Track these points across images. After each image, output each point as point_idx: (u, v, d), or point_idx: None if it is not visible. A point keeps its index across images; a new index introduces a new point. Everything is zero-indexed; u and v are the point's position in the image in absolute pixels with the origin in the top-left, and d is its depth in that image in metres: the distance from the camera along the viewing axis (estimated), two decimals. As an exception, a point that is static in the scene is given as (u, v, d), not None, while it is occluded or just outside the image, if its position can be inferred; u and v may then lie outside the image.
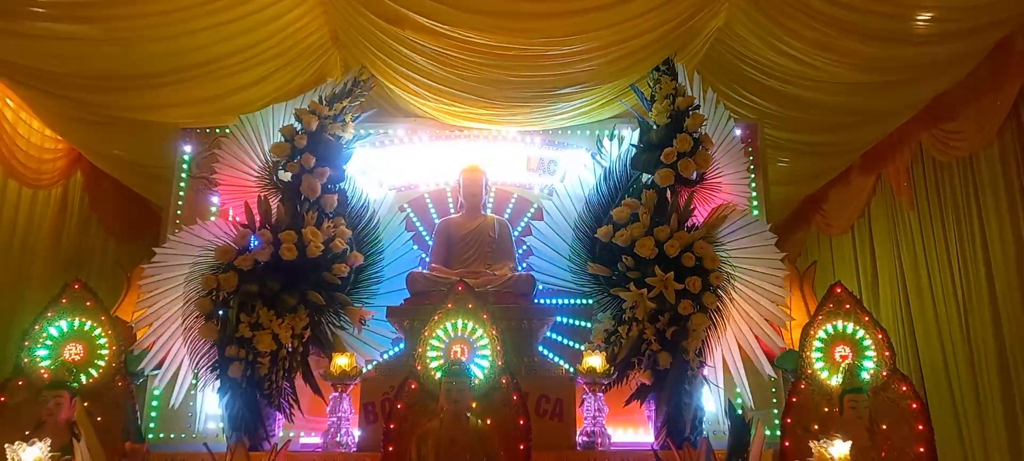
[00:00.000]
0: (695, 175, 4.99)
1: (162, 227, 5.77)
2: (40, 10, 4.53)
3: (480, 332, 4.09)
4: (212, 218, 5.47)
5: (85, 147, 6.51)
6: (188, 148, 5.87)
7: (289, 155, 5.07)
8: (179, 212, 5.67)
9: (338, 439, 4.35)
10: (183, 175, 5.79)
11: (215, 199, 5.64)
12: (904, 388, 4.02)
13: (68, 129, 6.14)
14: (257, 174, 5.30)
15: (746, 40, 5.48)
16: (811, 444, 3.32)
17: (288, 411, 4.66)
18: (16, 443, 3.12)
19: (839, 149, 6.82)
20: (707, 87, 5.49)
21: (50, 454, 3.12)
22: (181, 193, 5.74)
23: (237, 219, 5.20)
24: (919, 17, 4.92)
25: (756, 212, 5.67)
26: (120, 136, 6.01)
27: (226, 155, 5.35)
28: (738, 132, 5.64)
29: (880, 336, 4.14)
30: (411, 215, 5.81)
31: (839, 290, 4.29)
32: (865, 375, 4.11)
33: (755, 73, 5.77)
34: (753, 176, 5.78)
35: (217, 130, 5.77)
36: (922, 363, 6.82)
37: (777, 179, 7.42)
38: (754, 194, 5.70)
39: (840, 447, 3.22)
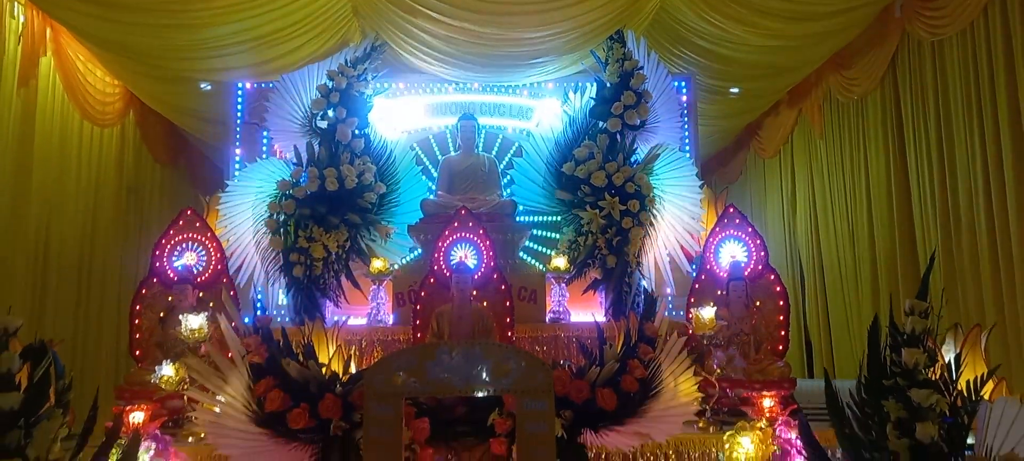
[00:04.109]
0: (638, 122, 6.29)
1: (223, 164, 7.11)
2: (129, 2, 5.77)
3: (478, 242, 5.47)
4: (264, 155, 6.83)
5: (148, 96, 7.71)
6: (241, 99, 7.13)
7: (325, 108, 6.31)
8: (238, 151, 7.00)
9: (378, 318, 5.85)
10: (238, 121, 7.09)
11: (264, 139, 6.97)
12: (772, 277, 5.35)
13: (137, 82, 7.37)
14: (298, 121, 6.50)
15: (682, 11, 6.67)
16: (690, 310, 4.89)
17: (335, 299, 6.16)
18: (185, 314, 4.67)
19: (760, 93, 8.18)
20: (651, 49, 6.66)
21: (209, 324, 4.69)
22: (238, 135, 7.05)
23: (287, 156, 6.49)
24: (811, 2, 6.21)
25: (688, 146, 7.06)
26: (181, 89, 7.24)
27: (272, 106, 6.54)
28: (675, 84, 6.97)
29: (758, 242, 5.40)
30: (419, 153, 6.95)
31: (731, 210, 5.53)
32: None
33: (691, 35, 6.99)
34: (686, 118, 7.07)
35: (263, 84, 7.01)
36: (824, 259, 8.43)
37: (718, 114, 8.90)
38: (686, 133, 7.03)
39: (707, 311, 4.62)
